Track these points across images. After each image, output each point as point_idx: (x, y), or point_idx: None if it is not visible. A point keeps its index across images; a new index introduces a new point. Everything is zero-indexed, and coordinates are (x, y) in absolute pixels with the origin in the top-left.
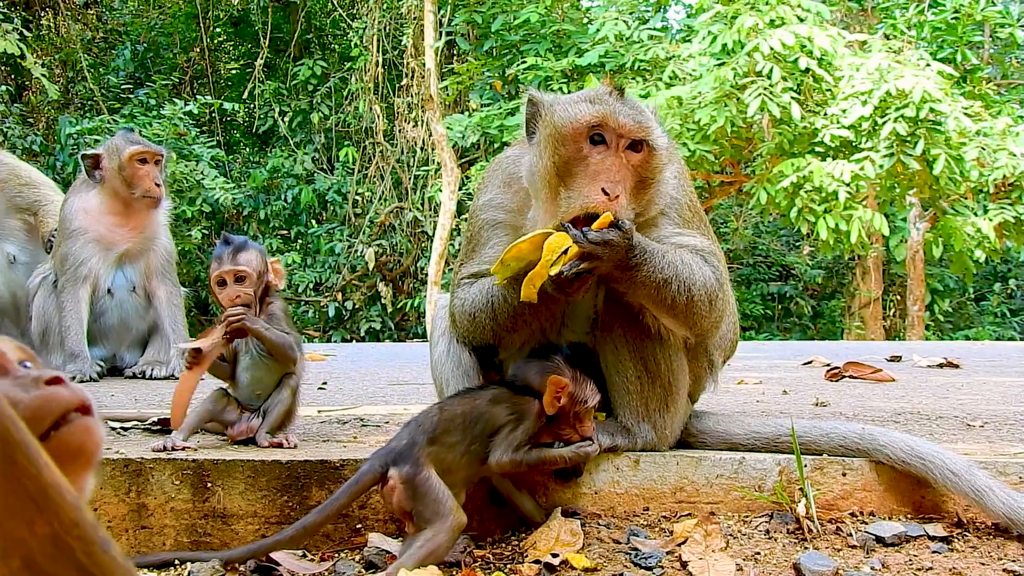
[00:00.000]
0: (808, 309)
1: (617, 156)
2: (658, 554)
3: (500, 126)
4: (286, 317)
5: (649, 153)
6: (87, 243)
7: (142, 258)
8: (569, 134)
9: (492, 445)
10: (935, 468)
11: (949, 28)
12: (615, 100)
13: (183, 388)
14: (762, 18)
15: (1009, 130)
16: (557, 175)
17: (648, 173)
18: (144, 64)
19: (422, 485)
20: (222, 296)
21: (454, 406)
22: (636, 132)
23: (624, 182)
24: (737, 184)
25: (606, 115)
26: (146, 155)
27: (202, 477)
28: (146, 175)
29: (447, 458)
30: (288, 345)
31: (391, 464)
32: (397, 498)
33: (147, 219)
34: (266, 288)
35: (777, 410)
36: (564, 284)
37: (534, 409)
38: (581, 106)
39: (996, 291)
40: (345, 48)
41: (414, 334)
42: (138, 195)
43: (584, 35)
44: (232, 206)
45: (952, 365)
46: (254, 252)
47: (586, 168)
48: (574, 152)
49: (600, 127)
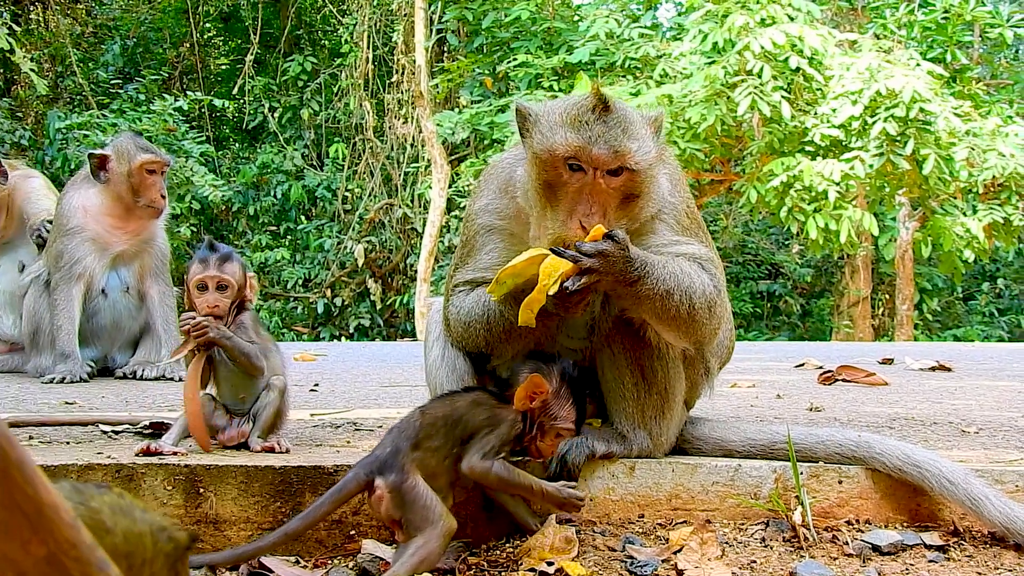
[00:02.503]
0: (797, 308)
1: (595, 183)
2: (654, 562)
3: (490, 123)
4: (255, 326)
5: (630, 175)
6: (83, 242)
7: (137, 259)
8: (547, 160)
9: (465, 450)
10: (931, 476)
11: (939, 28)
12: (596, 122)
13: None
14: (752, 17)
15: (998, 130)
16: (543, 194)
17: (633, 190)
18: (133, 59)
19: (409, 492)
20: (199, 301)
21: (435, 409)
22: (611, 162)
23: (605, 207)
24: (727, 183)
25: (579, 148)
26: (156, 165)
27: (194, 483)
28: (153, 185)
29: (431, 463)
30: (252, 354)
31: (377, 473)
32: (385, 507)
33: (147, 224)
34: (242, 303)
35: (771, 415)
36: (564, 300)
37: (510, 416)
38: (558, 134)
39: (984, 291)
40: (335, 44)
41: (403, 331)
42: (142, 204)
43: (575, 32)
44: (221, 202)
45: (944, 368)
46: (237, 264)
47: (566, 194)
48: (555, 177)
49: (575, 158)
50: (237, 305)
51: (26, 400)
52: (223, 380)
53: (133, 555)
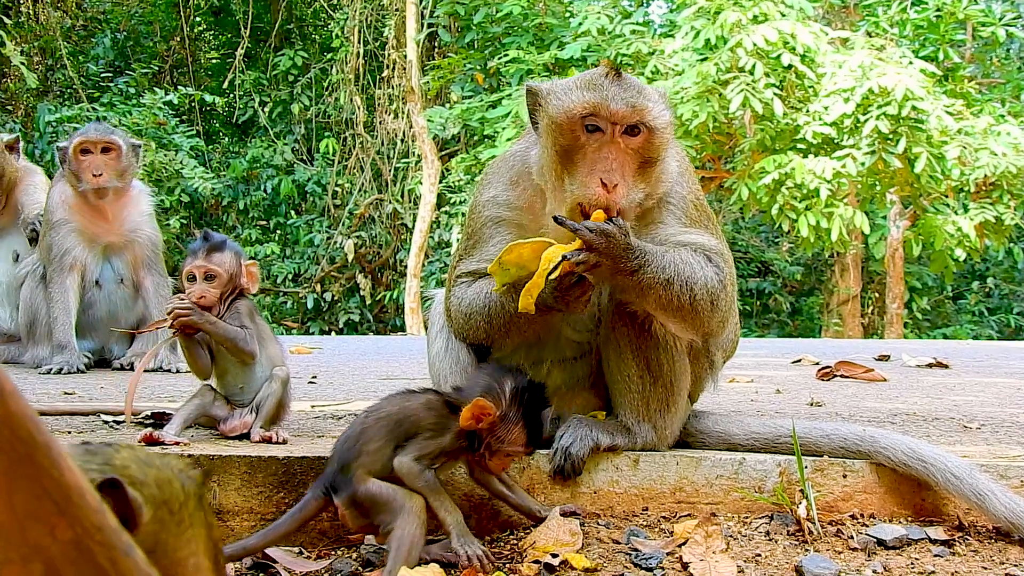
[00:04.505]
0: (786, 306)
1: (614, 142)
2: (659, 555)
3: (481, 118)
4: (251, 314)
5: (648, 135)
6: (69, 233)
7: (127, 250)
8: (564, 123)
9: (404, 447)
10: (937, 471)
11: (931, 26)
12: (610, 84)
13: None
14: (745, 14)
15: (991, 129)
16: (560, 164)
17: (650, 153)
18: (124, 52)
19: (365, 499)
20: (188, 291)
21: (384, 407)
22: (630, 117)
23: (623, 168)
24: (718, 180)
25: (597, 103)
26: (88, 144)
27: None
28: (88, 167)
29: (376, 466)
30: (239, 338)
31: (332, 491)
32: (352, 522)
33: (121, 211)
34: (240, 291)
35: (772, 410)
36: (564, 293)
37: (455, 428)
38: (574, 95)
39: (974, 290)
40: (326, 39)
41: (392, 326)
42: (84, 188)
43: (566, 28)
44: (211, 196)
45: (942, 365)
46: (229, 253)
47: (584, 157)
48: (572, 141)
49: (593, 116)
50: (234, 293)
51: (25, 391)
52: (223, 370)
53: (170, 501)
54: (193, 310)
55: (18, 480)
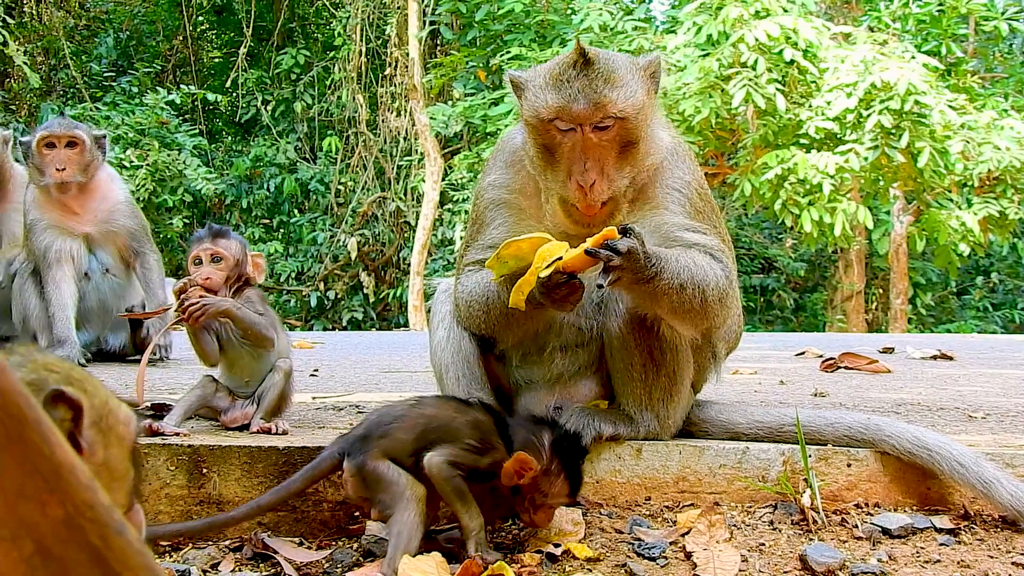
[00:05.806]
0: (790, 302)
1: (587, 139)
2: (662, 544)
3: (483, 116)
4: (262, 301)
5: (621, 123)
6: (44, 230)
7: (107, 241)
8: (537, 124)
9: (432, 447)
10: (942, 459)
11: (934, 21)
12: (576, 77)
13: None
14: (747, 9)
15: (994, 124)
16: (542, 158)
17: (628, 138)
18: (127, 52)
19: (371, 475)
20: (194, 273)
21: (430, 407)
22: (594, 116)
23: (601, 162)
24: (721, 176)
25: (560, 108)
26: (52, 139)
27: (197, 463)
28: (51, 161)
29: (395, 452)
30: (261, 324)
31: (346, 454)
32: (351, 487)
33: (89, 203)
34: (246, 281)
35: (776, 400)
36: (551, 292)
37: (499, 459)
38: (540, 97)
39: (979, 285)
40: (328, 37)
41: (396, 324)
42: (46, 183)
43: (568, 25)
44: (214, 195)
45: (946, 357)
46: (234, 240)
47: (562, 155)
48: (548, 140)
49: (559, 119)
50: (240, 282)
51: None
52: (232, 361)
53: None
54: (212, 302)
55: (8, 457)
